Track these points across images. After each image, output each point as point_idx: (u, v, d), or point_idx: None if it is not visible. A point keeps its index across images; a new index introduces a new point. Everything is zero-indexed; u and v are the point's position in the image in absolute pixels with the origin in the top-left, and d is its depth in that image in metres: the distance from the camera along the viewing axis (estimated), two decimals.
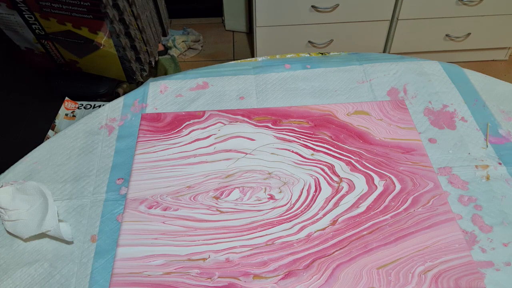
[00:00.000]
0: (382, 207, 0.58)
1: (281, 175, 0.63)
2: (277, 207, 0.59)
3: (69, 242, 0.57)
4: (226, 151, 0.66)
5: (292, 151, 0.65)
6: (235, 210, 0.59)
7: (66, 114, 1.07)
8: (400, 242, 0.55)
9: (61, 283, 0.54)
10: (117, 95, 1.16)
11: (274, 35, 1.51)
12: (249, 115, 0.71)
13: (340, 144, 0.66)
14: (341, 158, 0.64)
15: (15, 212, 0.58)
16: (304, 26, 1.49)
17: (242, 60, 0.83)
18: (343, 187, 0.61)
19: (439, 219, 0.57)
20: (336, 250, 0.54)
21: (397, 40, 1.56)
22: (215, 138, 0.68)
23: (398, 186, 0.61)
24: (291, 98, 0.75)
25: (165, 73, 1.49)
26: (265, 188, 0.61)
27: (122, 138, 0.70)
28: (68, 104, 1.08)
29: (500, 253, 0.55)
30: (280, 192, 0.61)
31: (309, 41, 1.54)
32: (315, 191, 0.61)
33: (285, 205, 0.59)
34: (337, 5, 1.42)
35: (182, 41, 1.75)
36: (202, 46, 1.80)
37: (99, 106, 1.08)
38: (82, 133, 0.71)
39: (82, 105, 1.10)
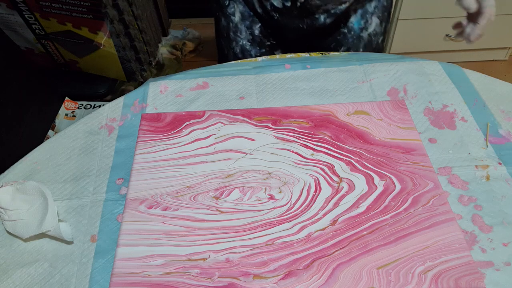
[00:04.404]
0: (382, 207, 0.58)
1: (281, 175, 0.63)
2: (277, 207, 0.59)
3: (69, 242, 0.57)
4: (226, 151, 0.66)
5: (292, 151, 0.65)
6: (235, 210, 0.59)
7: (66, 114, 1.07)
8: (400, 242, 0.55)
9: (61, 283, 0.54)
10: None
11: None
12: (249, 115, 0.71)
13: (340, 144, 0.66)
14: (341, 158, 0.64)
15: (15, 212, 0.58)
16: None
17: (242, 60, 0.83)
18: (343, 187, 0.61)
19: (439, 219, 0.57)
20: (336, 250, 0.54)
21: (397, 40, 1.56)
22: (215, 138, 0.68)
23: (398, 186, 0.61)
24: (291, 98, 0.75)
25: (166, 73, 1.50)
26: (265, 188, 0.61)
27: (122, 138, 0.70)
28: (68, 104, 1.09)
29: (500, 253, 0.55)
30: (280, 192, 0.61)
31: None
32: (315, 191, 0.61)
33: (285, 205, 0.59)
34: None
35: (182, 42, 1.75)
36: (202, 46, 1.80)
37: (99, 106, 1.08)
38: (82, 133, 0.71)
39: (82, 105, 1.10)
